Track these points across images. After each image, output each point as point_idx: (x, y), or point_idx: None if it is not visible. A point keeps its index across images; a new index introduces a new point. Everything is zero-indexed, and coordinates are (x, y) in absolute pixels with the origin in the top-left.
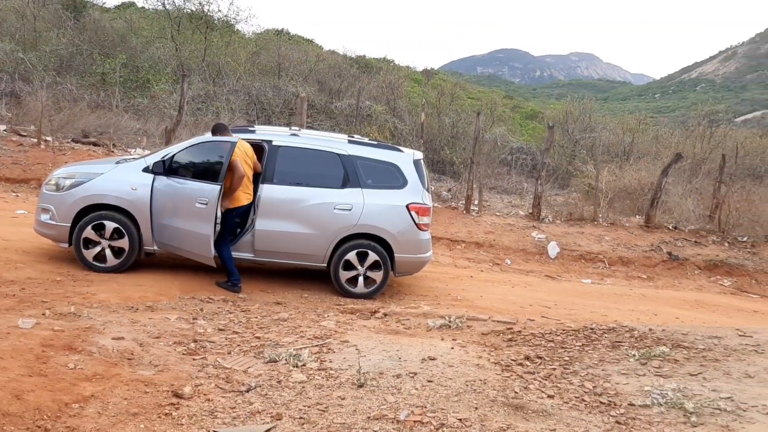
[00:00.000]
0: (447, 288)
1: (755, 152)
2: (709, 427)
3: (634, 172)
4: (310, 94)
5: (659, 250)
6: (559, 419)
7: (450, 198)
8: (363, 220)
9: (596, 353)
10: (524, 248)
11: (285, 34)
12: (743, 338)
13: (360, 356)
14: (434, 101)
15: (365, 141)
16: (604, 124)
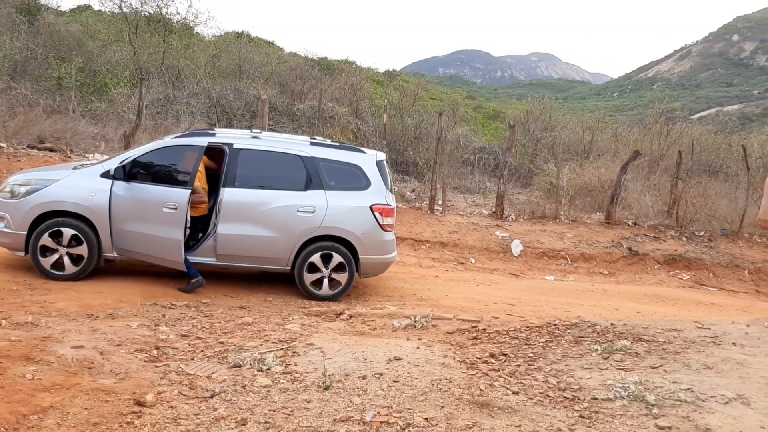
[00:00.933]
0: (412, 288)
1: (710, 148)
2: (670, 418)
3: (594, 169)
4: (271, 96)
5: (620, 246)
6: (524, 415)
7: (414, 198)
8: (326, 222)
9: (560, 349)
10: (488, 247)
11: (245, 36)
12: (702, 330)
13: (325, 359)
14: (397, 102)
15: (327, 143)
16: (564, 123)
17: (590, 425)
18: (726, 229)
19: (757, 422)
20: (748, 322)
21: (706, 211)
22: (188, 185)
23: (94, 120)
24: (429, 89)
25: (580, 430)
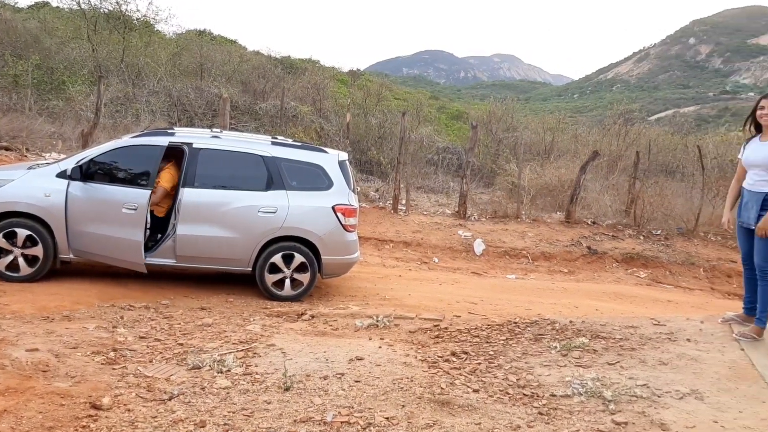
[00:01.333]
0: (375, 288)
1: (667, 149)
2: (627, 414)
3: (555, 169)
4: (233, 95)
5: (579, 245)
6: (484, 413)
7: (378, 198)
8: (288, 222)
9: (520, 346)
10: (451, 246)
11: (207, 34)
12: (657, 327)
13: (286, 359)
14: (361, 102)
15: (289, 142)
16: (526, 123)
17: (548, 422)
18: (682, 227)
19: (710, 416)
20: (702, 319)
21: (663, 210)
22: (148, 185)
23: (51, 118)
24: (393, 89)
25: (539, 426)
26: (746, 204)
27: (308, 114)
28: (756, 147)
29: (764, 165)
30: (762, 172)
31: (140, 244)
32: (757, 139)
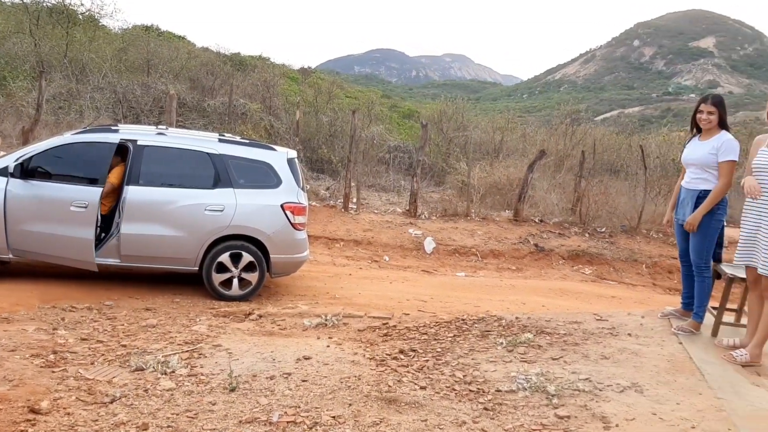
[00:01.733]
0: (325, 287)
1: (612, 149)
2: (569, 407)
3: (504, 168)
4: (181, 92)
5: (527, 243)
6: (430, 409)
7: (328, 196)
8: (236, 221)
9: (467, 343)
10: (402, 244)
11: (154, 30)
12: (600, 322)
13: (232, 360)
14: (312, 100)
15: (237, 140)
16: (476, 123)
17: (493, 417)
18: (625, 225)
19: (649, 409)
20: (642, 314)
21: (607, 208)
22: (99, 183)
23: None
24: (344, 87)
25: (484, 422)
26: (683, 201)
27: (258, 111)
28: (694, 146)
29: (700, 163)
30: (698, 171)
31: (92, 243)
32: (696, 139)
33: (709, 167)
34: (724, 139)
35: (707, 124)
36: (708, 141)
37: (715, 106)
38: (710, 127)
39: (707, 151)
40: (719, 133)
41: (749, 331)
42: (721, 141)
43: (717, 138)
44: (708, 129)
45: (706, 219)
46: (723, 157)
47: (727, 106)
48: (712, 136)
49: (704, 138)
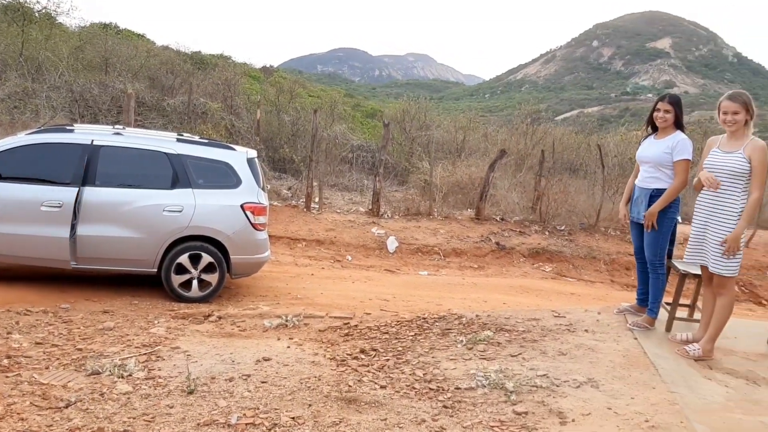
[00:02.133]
0: (287, 287)
1: (571, 148)
2: (527, 403)
3: (466, 168)
4: (140, 91)
5: (488, 241)
6: (390, 408)
7: (290, 196)
8: (195, 221)
9: (427, 342)
10: (364, 244)
11: (113, 28)
12: (558, 319)
13: (191, 362)
14: (274, 99)
15: (196, 139)
16: (438, 122)
17: (452, 414)
18: (584, 223)
19: (604, 403)
20: (599, 310)
21: (567, 206)
22: (72, 183)
23: None
24: (307, 86)
25: (443, 419)
26: (636, 199)
27: (218, 111)
28: (649, 144)
29: (654, 162)
30: (651, 169)
31: (67, 242)
32: (652, 138)
33: (663, 166)
34: (679, 139)
35: (663, 123)
36: (663, 140)
37: (671, 105)
38: (666, 126)
39: (662, 150)
40: (674, 133)
41: (702, 326)
42: (676, 140)
43: (672, 137)
44: (664, 128)
45: (660, 216)
46: (678, 156)
47: (683, 106)
48: (667, 135)
49: (660, 137)
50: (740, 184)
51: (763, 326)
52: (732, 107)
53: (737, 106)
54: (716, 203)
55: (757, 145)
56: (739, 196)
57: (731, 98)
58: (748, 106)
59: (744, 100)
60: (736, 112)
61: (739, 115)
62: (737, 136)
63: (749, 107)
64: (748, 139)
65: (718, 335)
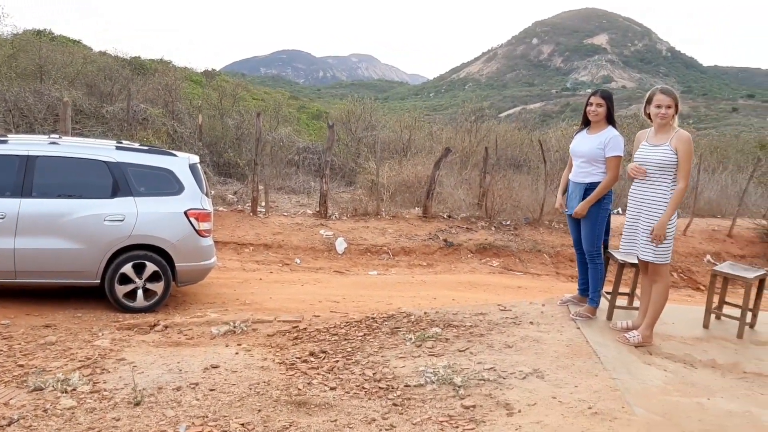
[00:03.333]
0: (235, 293)
1: (514, 144)
2: (475, 397)
3: (412, 166)
4: (77, 98)
5: (436, 238)
6: (340, 409)
7: (236, 201)
8: (138, 230)
9: (377, 341)
10: (313, 246)
11: (47, 34)
12: (504, 312)
13: (137, 373)
14: (216, 103)
15: (135, 147)
16: (384, 122)
17: (402, 412)
18: (528, 217)
19: (549, 393)
20: (543, 302)
21: (511, 202)
22: (13, 195)
23: None
24: (250, 89)
25: (393, 417)
26: (571, 194)
27: (160, 116)
28: (582, 139)
29: (587, 157)
30: (584, 164)
31: (12, 253)
32: (585, 132)
33: (596, 161)
34: (611, 135)
35: (596, 117)
36: (596, 135)
37: (603, 99)
38: (598, 120)
39: (595, 145)
40: (606, 128)
41: (641, 313)
42: (608, 137)
43: (604, 133)
44: (596, 122)
45: (594, 209)
46: (610, 152)
47: (620, 100)
48: (600, 130)
49: (592, 131)
50: (669, 175)
51: (699, 311)
52: (666, 101)
53: (670, 100)
54: (647, 194)
55: (683, 136)
56: (668, 187)
57: (665, 92)
58: (677, 101)
59: (675, 95)
60: (669, 105)
61: (671, 109)
62: (664, 130)
63: (677, 102)
64: (674, 131)
65: (656, 321)
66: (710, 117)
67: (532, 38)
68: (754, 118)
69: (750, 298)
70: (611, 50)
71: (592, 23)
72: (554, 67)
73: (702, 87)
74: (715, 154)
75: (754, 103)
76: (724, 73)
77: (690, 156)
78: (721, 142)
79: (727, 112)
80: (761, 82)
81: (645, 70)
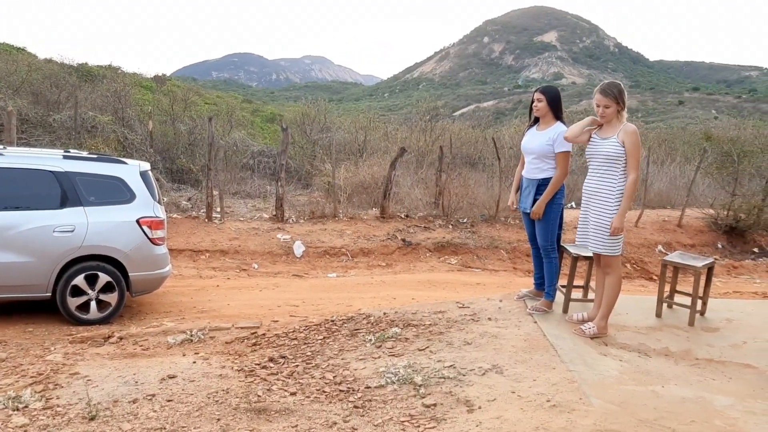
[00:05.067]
0: (192, 301)
1: (469, 142)
2: (435, 395)
3: (368, 167)
4: (22, 107)
5: (395, 238)
6: (301, 414)
7: (191, 207)
8: (89, 240)
9: (336, 344)
10: (271, 251)
11: None
12: (462, 309)
13: (91, 387)
14: (168, 108)
15: (84, 155)
16: (339, 123)
17: (363, 414)
18: (485, 214)
19: (508, 388)
20: (501, 298)
21: (468, 199)
22: None
23: None
24: (203, 94)
25: (355, 420)
26: (525, 190)
27: (109, 124)
28: (532, 136)
29: (538, 153)
30: (536, 160)
31: None
32: (534, 128)
33: (547, 157)
34: (559, 131)
35: (537, 112)
36: (545, 131)
37: (542, 94)
38: (542, 115)
39: (544, 141)
40: (555, 125)
41: (595, 305)
42: (557, 132)
43: (552, 129)
44: (544, 118)
45: (548, 205)
46: (558, 148)
47: (571, 96)
48: (548, 126)
49: (541, 128)
50: (617, 168)
51: (652, 300)
52: (603, 101)
53: (608, 100)
54: (597, 187)
55: (629, 129)
56: (617, 180)
57: (602, 92)
58: (617, 98)
59: (614, 94)
60: (608, 105)
61: (609, 108)
62: (612, 123)
63: (618, 99)
64: (622, 125)
65: (610, 312)
66: (658, 110)
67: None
68: (700, 110)
69: (699, 286)
70: (560, 47)
71: (542, 21)
72: (506, 65)
73: (649, 81)
74: (663, 146)
75: (699, 96)
76: (670, 67)
77: (637, 148)
78: (668, 134)
79: (673, 105)
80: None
81: (594, 66)
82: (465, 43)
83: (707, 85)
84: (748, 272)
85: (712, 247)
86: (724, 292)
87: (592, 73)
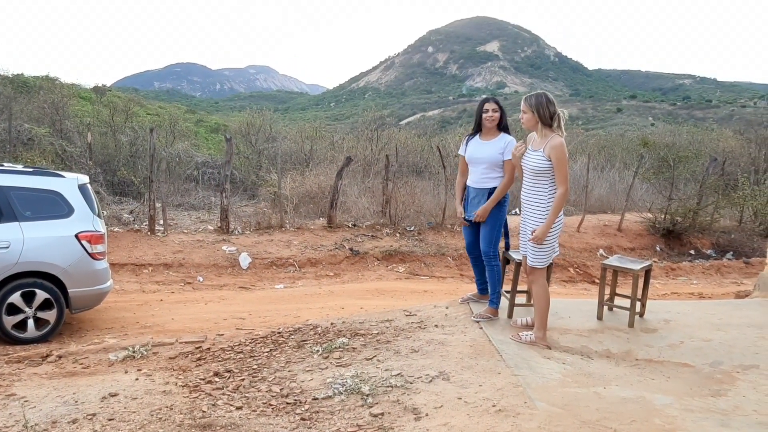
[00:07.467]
0: (135, 316)
1: (415, 151)
2: (383, 404)
3: (315, 177)
4: None
5: (342, 248)
6: (247, 429)
7: (133, 220)
8: (25, 257)
9: (283, 356)
10: (216, 263)
11: None
12: (409, 317)
13: (28, 408)
14: (108, 119)
15: (18, 169)
16: (285, 133)
17: (311, 426)
18: (432, 222)
19: (455, 394)
20: (447, 305)
21: (414, 207)
22: None
23: None
24: (144, 104)
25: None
26: (473, 200)
27: (46, 136)
28: (478, 145)
29: (488, 163)
30: (486, 170)
31: None
32: (478, 137)
33: (498, 165)
34: (508, 140)
35: (492, 122)
36: (493, 141)
37: (498, 105)
38: (494, 126)
39: (495, 151)
40: (500, 134)
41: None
42: (506, 141)
43: (500, 138)
44: (491, 128)
45: (494, 211)
46: (508, 155)
47: (514, 104)
48: (495, 136)
49: (486, 138)
50: (545, 180)
51: (594, 303)
52: (523, 107)
53: (525, 106)
54: (527, 198)
55: (554, 143)
56: (545, 192)
57: (524, 99)
58: (534, 108)
59: (530, 103)
60: (525, 112)
61: (526, 115)
62: (543, 135)
63: (537, 110)
64: (549, 138)
65: (545, 322)
66: (597, 118)
67: (428, 46)
68: (637, 117)
69: (638, 288)
70: (503, 57)
71: (484, 31)
72: (450, 74)
73: (588, 89)
74: (603, 152)
75: (636, 104)
76: (608, 76)
77: (563, 161)
78: (608, 141)
79: (612, 113)
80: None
81: (535, 75)
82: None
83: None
84: (686, 273)
85: (651, 250)
86: (662, 294)
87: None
